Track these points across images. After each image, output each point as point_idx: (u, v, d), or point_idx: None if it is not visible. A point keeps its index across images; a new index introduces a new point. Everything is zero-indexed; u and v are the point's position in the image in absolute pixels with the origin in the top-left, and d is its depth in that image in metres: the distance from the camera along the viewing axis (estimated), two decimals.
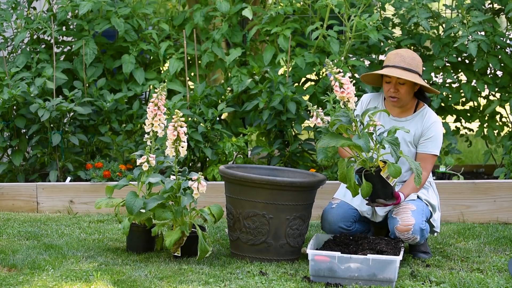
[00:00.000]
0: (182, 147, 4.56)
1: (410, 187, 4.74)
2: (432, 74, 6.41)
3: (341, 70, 4.43)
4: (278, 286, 4.17)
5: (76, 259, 4.60)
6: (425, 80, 6.36)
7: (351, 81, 4.40)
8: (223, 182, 4.99)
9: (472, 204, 5.84)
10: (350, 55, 6.45)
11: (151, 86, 6.65)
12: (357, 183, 4.51)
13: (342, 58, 6.25)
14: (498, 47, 6.43)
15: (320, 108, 4.60)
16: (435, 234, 4.92)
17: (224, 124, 6.63)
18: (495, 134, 6.58)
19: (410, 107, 4.88)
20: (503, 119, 6.71)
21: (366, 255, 4.25)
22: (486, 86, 6.45)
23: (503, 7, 6.40)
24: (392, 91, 4.76)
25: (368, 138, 4.34)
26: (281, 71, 6.51)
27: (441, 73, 6.46)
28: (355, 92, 4.42)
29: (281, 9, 6.42)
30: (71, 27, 6.77)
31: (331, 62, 4.47)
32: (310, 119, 4.51)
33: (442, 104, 6.47)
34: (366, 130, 4.40)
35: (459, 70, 6.55)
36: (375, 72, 4.81)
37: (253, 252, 4.65)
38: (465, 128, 6.83)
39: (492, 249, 5.00)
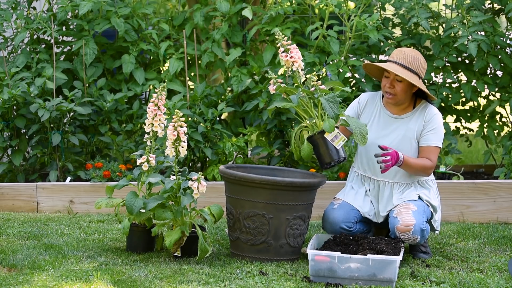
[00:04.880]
0: (182, 147, 4.56)
1: (412, 158, 4.72)
2: (432, 74, 6.41)
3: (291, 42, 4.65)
4: (278, 286, 4.16)
5: (76, 259, 4.60)
6: (425, 81, 6.37)
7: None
8: (223, 182, 4.98)
9: (472, 204, 5.83)
10: (350, 55, 6.44)
11: (151, 86, 6.65)
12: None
13: (342, 58, 6.25)
14: (498, 47, 6.42)
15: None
16: (436, 232, 4.91)
17: (224, 124, 6.62)
18: (495, 134, 6.58)
19: (409, 105, 4.87)
20: (503, 119, 6.70)
21: (366, 255, 4.25)
22: (486, 86, 6.44)
23: (503, 7, 6.39)
24: (388, 87, 4.76)
25: (299, 94, 4.54)
26: (281, 71, 6.50)
27: (441, 73, 6.45)
28: (301, 59, 4.60)
29: (281, 9, 6.42)
30: (71, 27, 6.77)
31: (279, 31, 4.66)
32: (268, 87, 4.64)
33: (442, 104, 6.47)
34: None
35: (459, 70, 6.55)
36: (375, 64, 4.82)
37: (253, 252, 4.65)
38: (465, 128, 6.82)
39: (492, 249, 5.00)
